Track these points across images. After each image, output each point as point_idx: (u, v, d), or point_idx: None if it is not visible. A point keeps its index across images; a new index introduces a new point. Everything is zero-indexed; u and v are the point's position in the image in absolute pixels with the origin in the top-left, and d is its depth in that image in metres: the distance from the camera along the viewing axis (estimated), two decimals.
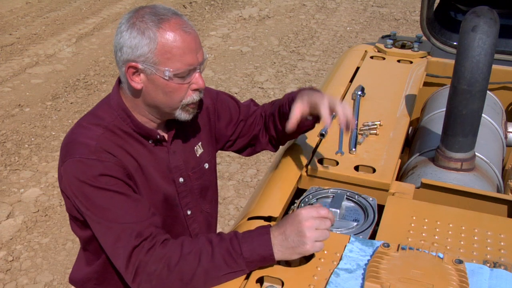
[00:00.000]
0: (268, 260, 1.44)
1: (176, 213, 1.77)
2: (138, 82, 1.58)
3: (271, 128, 1.94)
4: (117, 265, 1.50)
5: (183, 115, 1.63)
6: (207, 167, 1.87)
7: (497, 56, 2.07)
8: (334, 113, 2.26)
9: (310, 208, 1.45)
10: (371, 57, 2.87)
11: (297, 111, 1.68)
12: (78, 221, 1.69)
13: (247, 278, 1.45)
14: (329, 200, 1.77)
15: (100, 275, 1.77)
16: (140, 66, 1.54)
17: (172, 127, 1.74)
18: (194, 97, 1.60)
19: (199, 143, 1.85)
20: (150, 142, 1.68)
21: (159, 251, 1.46)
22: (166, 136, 1.73)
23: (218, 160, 1.90)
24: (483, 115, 1.98)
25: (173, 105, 1.61)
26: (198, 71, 1.58)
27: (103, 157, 1.54)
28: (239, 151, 2.04)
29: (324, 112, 1.65)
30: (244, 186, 4.36)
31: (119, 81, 1.68)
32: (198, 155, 1.83)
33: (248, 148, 2.03)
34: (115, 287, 1.78)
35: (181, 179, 1.77)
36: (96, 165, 1.52)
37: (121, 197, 1.52)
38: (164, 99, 1.59)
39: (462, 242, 1.56)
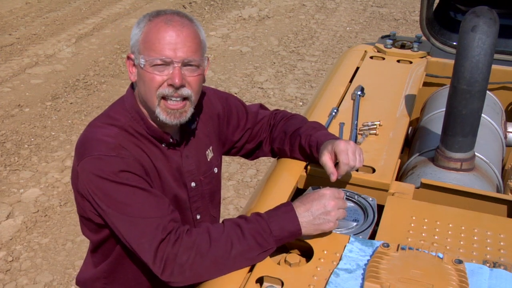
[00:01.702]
0: (296, 235, 1.51)
1: (186, 217, 1.78)
2: (133, 73, 1.64)
3: (276, 142, 1.96)
4: (144, 259, 1.50)
5: (161, 115, 1.61)
6: (216, 171, 1.88)
7: (496, 56, 2.07)
8: (334, 113, 2.26)
9: (332, 189, 1.56)
10: (371, 57, 2.87)
11: (330, 162, 1.72)
12: (91, 223, 1.68)
13: (247, 277, 1.45)
14: None
15: (110, 275, 1.78)
16: (132, 56, 1.62)
17: (185, 131, 1.75)
18: (165, 90, 1.58)
19: (210, 148, 1.86)
20: (163, 145, 1.69)
21: (187, 239, 1.47)
22: (179, 140, 1.74)
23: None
24: (482, 115, 1.98)
25: (150, 98, 1.60)
26: (177, 66, 1.56)
27: (123, 154, 1.55)
28: (243, 156, 2.07)
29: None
30: (244, 186, 4.36)
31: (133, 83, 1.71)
32: (208, 160, 1.84)
33: (252, 154, 2.05)
34: (125, 286, 1.78)
35: (193, 184, 1.78)
36: (116, 161, 1.53)
37: (143, 193, 1.53)
38: (144, 90, 1.61)
39: (461, 242, 1.56)
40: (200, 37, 1.63)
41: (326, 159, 1.71)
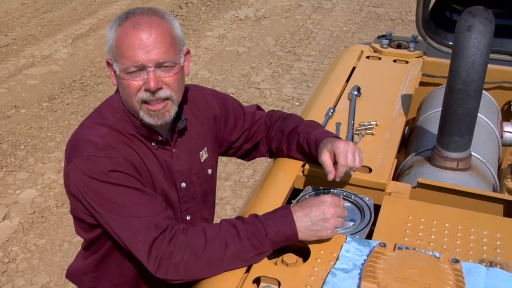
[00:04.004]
0: (292, 239, 1.50)
1: (175, 217, 1.77)
2: (114, 77, 1.63)
3: (273, 142, 1.96)
4: (138, 257, 1.50)
5: (145, 118, 1.60)
6: (210, 172, 1.87)
7: (492, 55, 2.08)
8: (330, 113, 2.27)
9: (333, 197, 1.54)
10: (367, 57, 2.87)
11: (329, 161, 1.69)
12: (84, 223, 1.68)
13: (244, 277, 1.45)
14: None
15: (98, 269, 1.78)
16: (110, 61, 1.61)
17: (175, 130, 1.74)
18: (143, 95, 1.56)
19: (205, 148, 1.85)
20: (153, 144, 1.69)
21: (182, 239, 1.47)
22: (170, 139, 1.73)
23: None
24: (479, 114, 1.98)
25: (131, 104, 1.60)
26: (151, 70, 1.54)
27: (112, 153, 1.55)
28: (240, 157, 2.06)
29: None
30: (241, 186, 4.36)
31: None
32: (202, 161, 1.83)
33: (249, 154, 2.05)
34: (114, 281, 1.78)
35: (183, 184, 1.77)
36: (105, 161, 1.53)
37: (135, 192, 1.53)
38: (124, 96, 1.61)
39: (458, 242, 1.56)
40: (173, 34, 1.59)
41: (326, 158, 1.70)
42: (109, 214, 1.52)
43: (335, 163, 1.70)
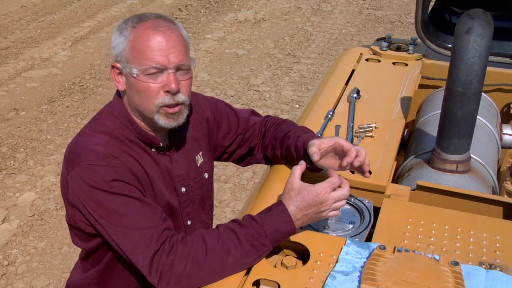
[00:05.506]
0: (291, 234, 1.52)
1: (177, 222, 1.77)
2: (121, 83, 1.61)
3: (268, 149, 1.95)
4: (139, 269, 1.49)
5: (161, 121, 1.59)
6: (206, 176, 1.87)
7: (491, 58, 2.08)
8: (330, 115, 2.27)
9: (327, 186, 1.50)
10: (367, 60, 2.87)
11: (317, 148, 1.70)
12: (81, 232, 1.66)
13: (243, 280, 1.45)
14: None
15: (100, 281, 1.76)
16: (119, 65, 1.58)
17: (174, 136, 1.73)
18: (165, 99, 1.56)
19: (200, 153, 1.84)
20: (153, 150, 1.68)
21: (182, 249, 1.46)
22: (168, 145, 1.72)
23: (214, 162, 1.92)
24: (478, 117, 1.98)
25: (147, 107, 1.58)
26: (171, 72, 1.55)
27: (113, 162, 1.53)
28: (235, 162, 2.06)
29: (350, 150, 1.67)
30: (241, 189, 4.36)
31: None
32: (198, 165, 1.83)
33: (244, 160, 2.04)
34: None
35: (183, 189, 1.76)
36: (106, 171, 1.51)
37: (136, 203, 1.51)
38: (139, 100, 1.58)
39: (457, 244, 1.56)
40: (186, 40, 1.61)
41: (314, 142, 1.71)
42: (109, 225, 1.50)
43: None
